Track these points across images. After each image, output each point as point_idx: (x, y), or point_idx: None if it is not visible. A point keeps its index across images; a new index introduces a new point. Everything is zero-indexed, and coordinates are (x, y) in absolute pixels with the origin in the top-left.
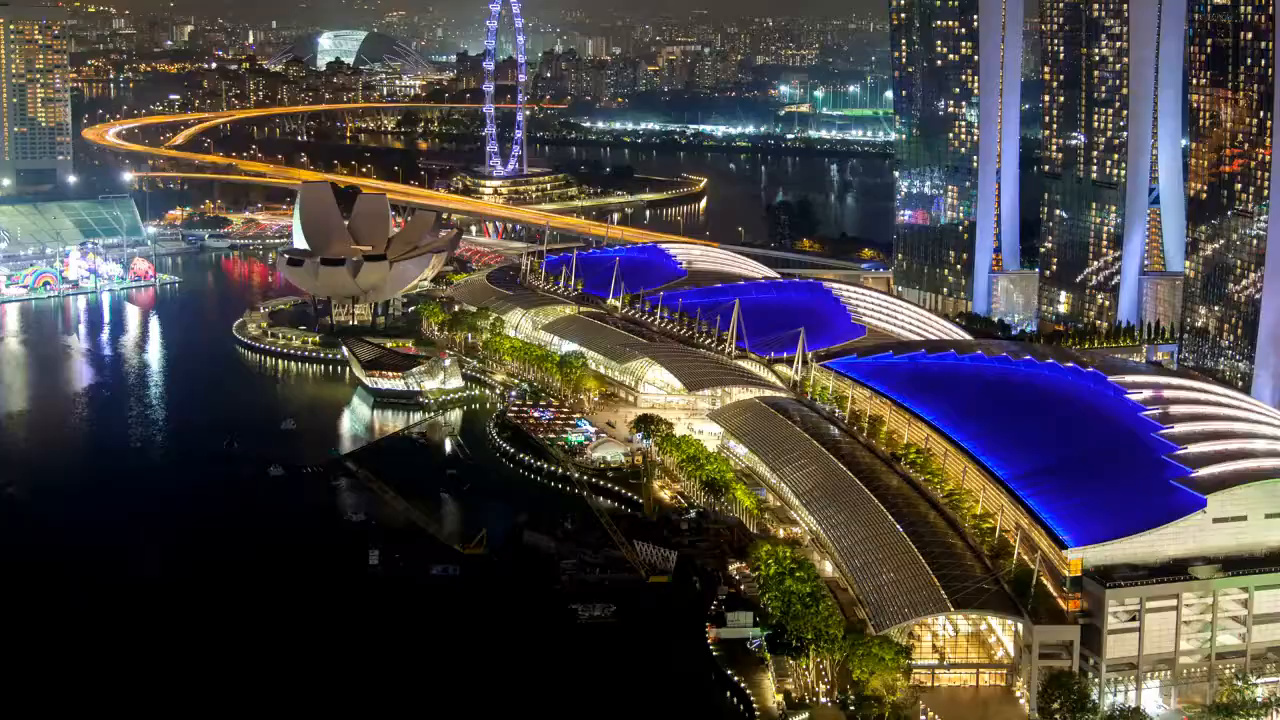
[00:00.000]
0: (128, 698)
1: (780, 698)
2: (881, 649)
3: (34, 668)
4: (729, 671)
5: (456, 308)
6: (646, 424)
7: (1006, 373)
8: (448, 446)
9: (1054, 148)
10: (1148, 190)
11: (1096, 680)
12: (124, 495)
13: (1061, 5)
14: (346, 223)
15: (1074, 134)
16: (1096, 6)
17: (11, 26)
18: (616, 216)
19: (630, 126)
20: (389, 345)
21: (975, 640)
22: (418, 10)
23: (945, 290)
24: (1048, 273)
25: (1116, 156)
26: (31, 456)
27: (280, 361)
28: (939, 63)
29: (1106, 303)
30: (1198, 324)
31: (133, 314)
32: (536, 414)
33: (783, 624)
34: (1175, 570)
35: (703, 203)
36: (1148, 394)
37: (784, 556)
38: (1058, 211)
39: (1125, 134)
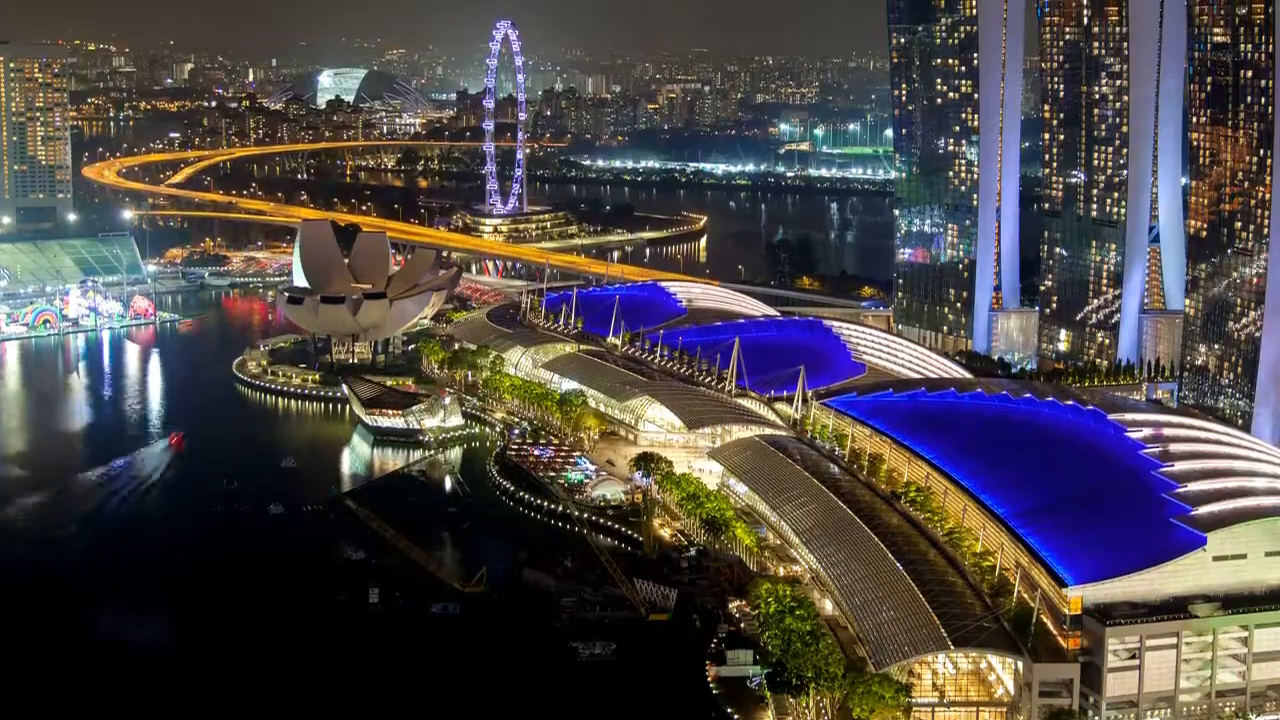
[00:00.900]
0: None
1: None
2: (881, 687)
3: (36, 705)
4: (729, 710)
5: (456, 346)
6: (646, 462)
7: (1006, 411)
8: (448, 484)
9: (1054, 185)
10: (1148, 228)
11: (1096, 718)
12: (123, 532)
13: (1061, 43)
14: (346, 261)
15: (1074, 172)
16: (1096, 44)
17: (12, 64)
18: (616, 254)
19: (630, 164)
20: (389, 383)
21: (975, 678)
22: (417, 49)
23: (945, 328)
24: (1048, 311)
25: (1116, 194)
26: (31, 495)
27: (280, 399)
28: (939, 100)
29: (1106, 341)
30: (1198, 362)
31: (133, 352)
32: (537, 452)
33: (783, 662)
34: (1175, 608)
35: (703, 241)
36: (1148, 432)
37: (784, 594)
38: (1058, 249)
39: (1125, 172)
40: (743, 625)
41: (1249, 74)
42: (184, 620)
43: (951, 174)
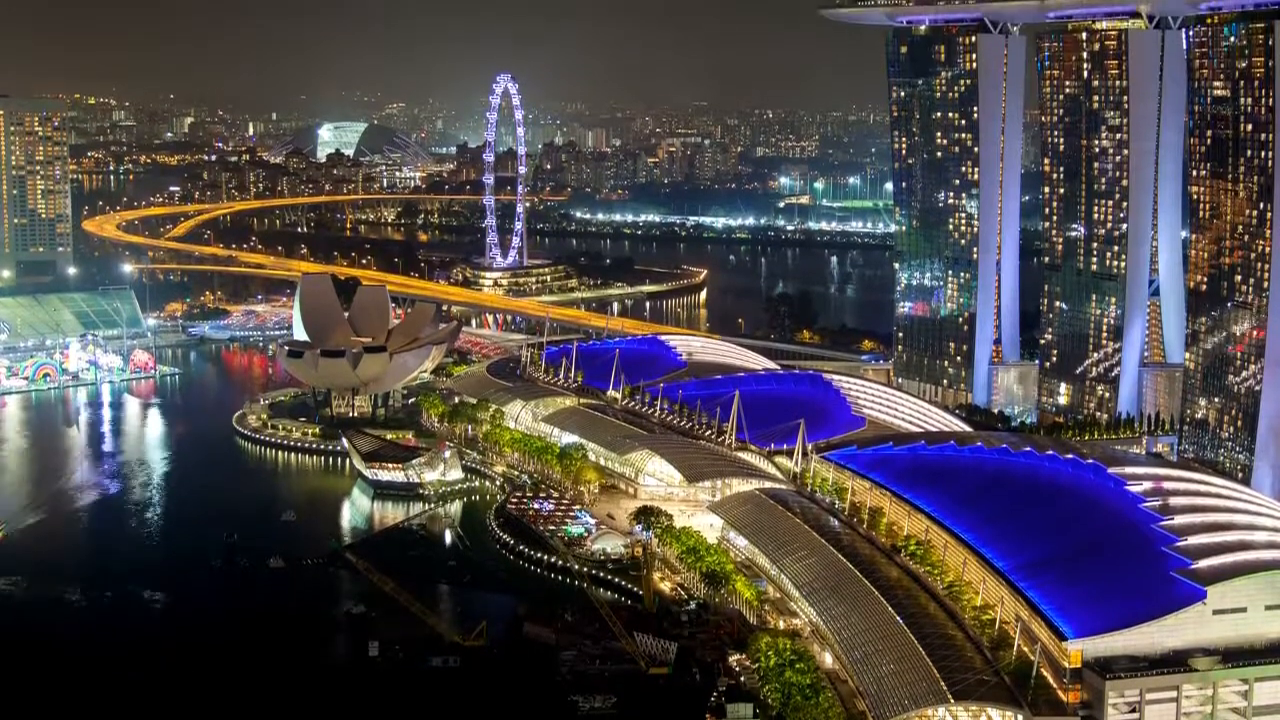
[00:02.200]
0: None
1: None
2: None
3: None
4: None
5: (456, 399)
6: (646, 515)
7: (1007, 464)
8: (448, 538)
9: (1054, 239)
10: (1148, 282)
11: None
12: (124, 584)
13: (1061, 97)
14: (346, 314)
15: (1074, 225)
16: (1096, 98)
17: (12, 118)
18: (616, 308)
19: (630, 218)
20: (389, 437)
21: None
22: (417, 102)
23: (945, 382)
24: (1048, 364)
25: (1116, 248)
26: (32, 547)
27: (280, 453)
28: (939, 154)
29: (1106, 394)
30: (1198, 415)
31: (133, 405)
32: (536, 505)
33: (783, 715)
34: (1175, 662)
35: (703, 294)
36: (1148, 485)
37: (784, 648)
38: (1058, 303)
39: (1125, 225)
40: (743, 679)
41: (1249, 127)
42: (183, 672)
43: (951, 227)
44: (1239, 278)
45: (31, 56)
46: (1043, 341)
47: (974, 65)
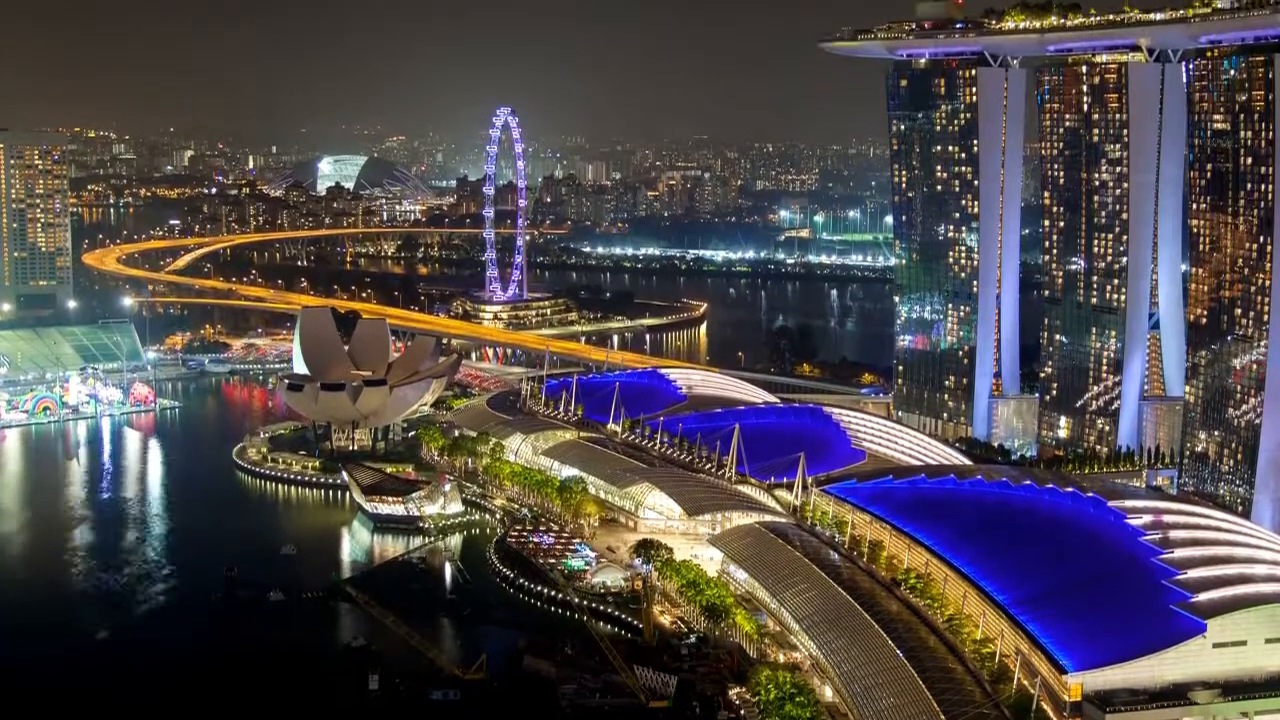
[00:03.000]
0: None
1: None
2: None
3: None
4: None
5: (456, 433)
6: (646, 549)
7: (1006, 498)
8: (448, 571)
9: (1054, 272)
10: (1148, 315)
11: None
12: (124, 618)
13: (1061, 130)
14: (346, 348)
15: (1074, 258)
16: (1096, 132)
17: (12, 151)
18: (616, 341)
19: (630, 251)
20: (389, 470)
21: None
22: (417, 135)
23: (945, 415)
24: (1048, 397)
25: (1116, 281)
26: (31, 580)
27: (280, 487)
28: (939, 187)
29: (1107, 427)
30: (1198, 449)
31: (133, 439)
32: (537, 539)
33: None
34: (1175, 695)
35: (703, 327)
36: (1147, 519)
37: (784, 681)
38: (1058, 336)
39: (1125, 258)
40: (743, 712)
41: (1249, 160)
42: (183, 707)
43: (951, 260)
44: (1239, 311)
45: (31, 90)
46: (1043, 375)
47: (974, 98)
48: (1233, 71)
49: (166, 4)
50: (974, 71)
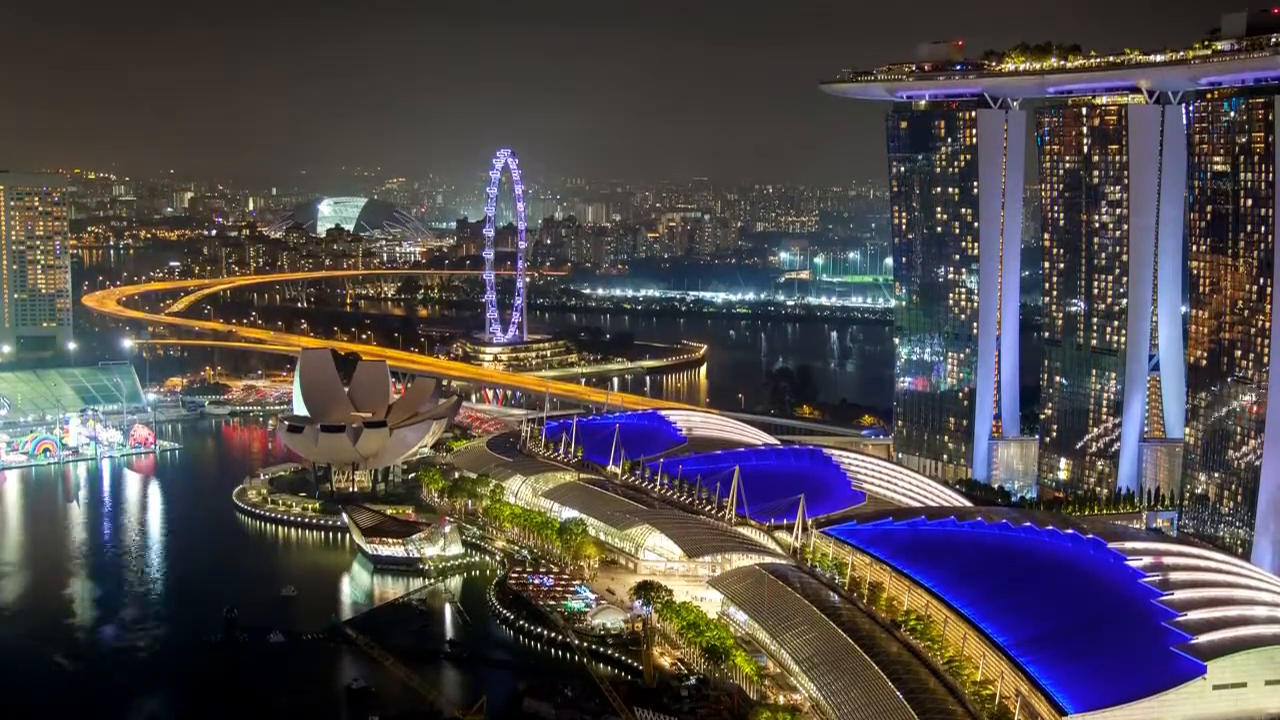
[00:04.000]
0: None
1: None
2: None
3: None
4: None
5: (457, 474)
6: (646, 590)
7: (1006, 539)
8: (448, 613)
9: (1054, 314)
10: (1148, 356)
11: None
12: (123, 659)
13: (1061, 172)
14: (346, 389)
15: (1074, 300)
16: (1096, 173)
17: (12, 193)
18: (616, 383)
19: (630, 293)
20: (389, 512)
21: None
22: (418, 177)
23: (945, 457)
24: (1048, 439)
25: (1116, 323)
26: (31, 623)
27: (281, 528)
28: (939, 229)
29: (1107, 469)
30: (1198, 490)
31: (133, 481)
32: (537, 580)
33: None
34: None
35: (703, 369)
36: (1147, 560)
37: None
38: (1058, 378)
39: (1125, 300)
40: None
41: (1249, 203)
42: None
43: (951, 302)
44: (1239, 353)
45: (31, 131)
46: (1043, 416)
47: (974, 140)
48: (1233, 113)
49: (169, 45)
50: (974, 113)
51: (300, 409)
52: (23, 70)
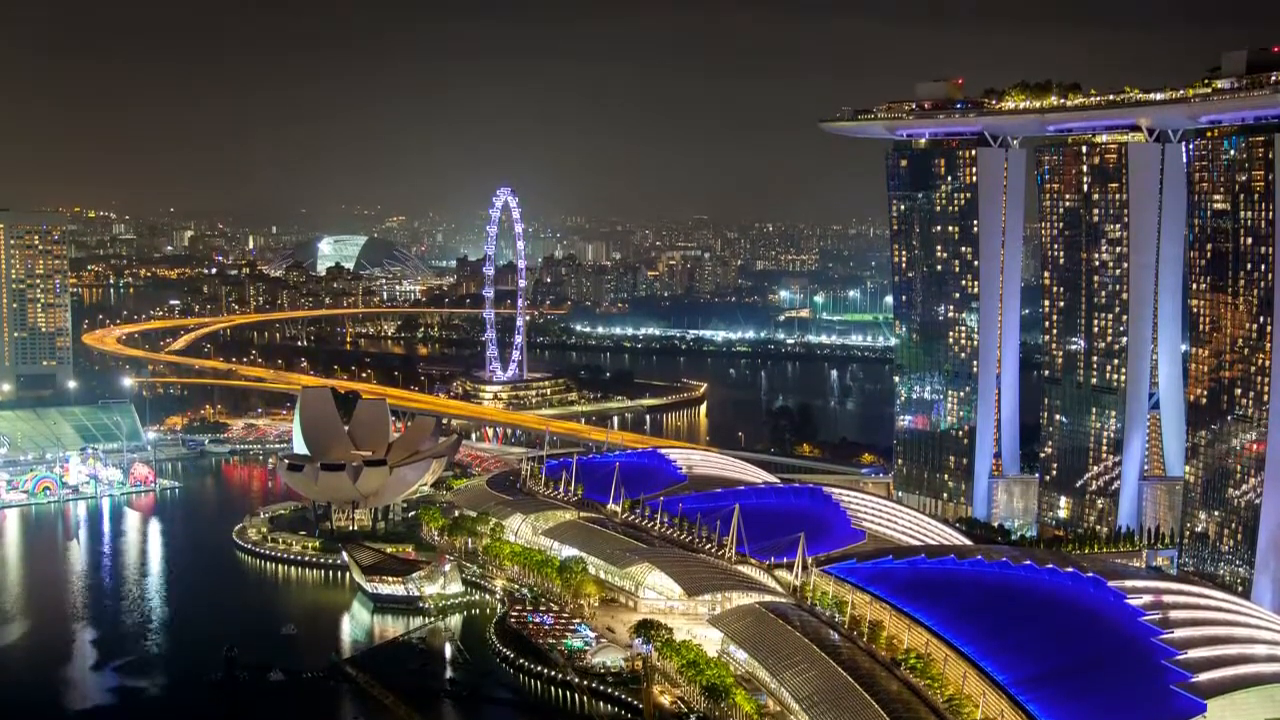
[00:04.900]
0: None
1: None
2: None
3: None
4: None
5: (456, 513)
6: (646, 629)
7: (1006, 577)
8: (448, 651)
9: (1054, 352)
10: (1148, 395)
11: None
12: (123, 698)
13: (1061, 210)
14: (346, 428)
15: (1074, 338)
16: (1096, 211)
17: (12, 231)
18: (616, 421)
19: (630, 331)
20: (389, 550)
21: None
22: (417, 216)
23: (945, 495)
24: (1048, 478)
25: (1116, 361)
26: (31, 661)
27: (280, 566)
28: (939, 267)
29: (1107, 507)
30: (1198, 529)
31: (133, 519)
32: (537, 619)
33: None
34: None
35: (703, 407)
36: (1147, 599)
37: None
38: (1058, 416)
39: (1125, 339)
40: None
41: (1249, 241)
42: None
43: (951, 341)
44: (1239, 391)
45: (32, 170)
46: (1043, 455)
47: (974, 178)
48: (1233, 151)
49: (168, 83)
50: (974, 151)
51: (300, 447)
52: (23, 107)
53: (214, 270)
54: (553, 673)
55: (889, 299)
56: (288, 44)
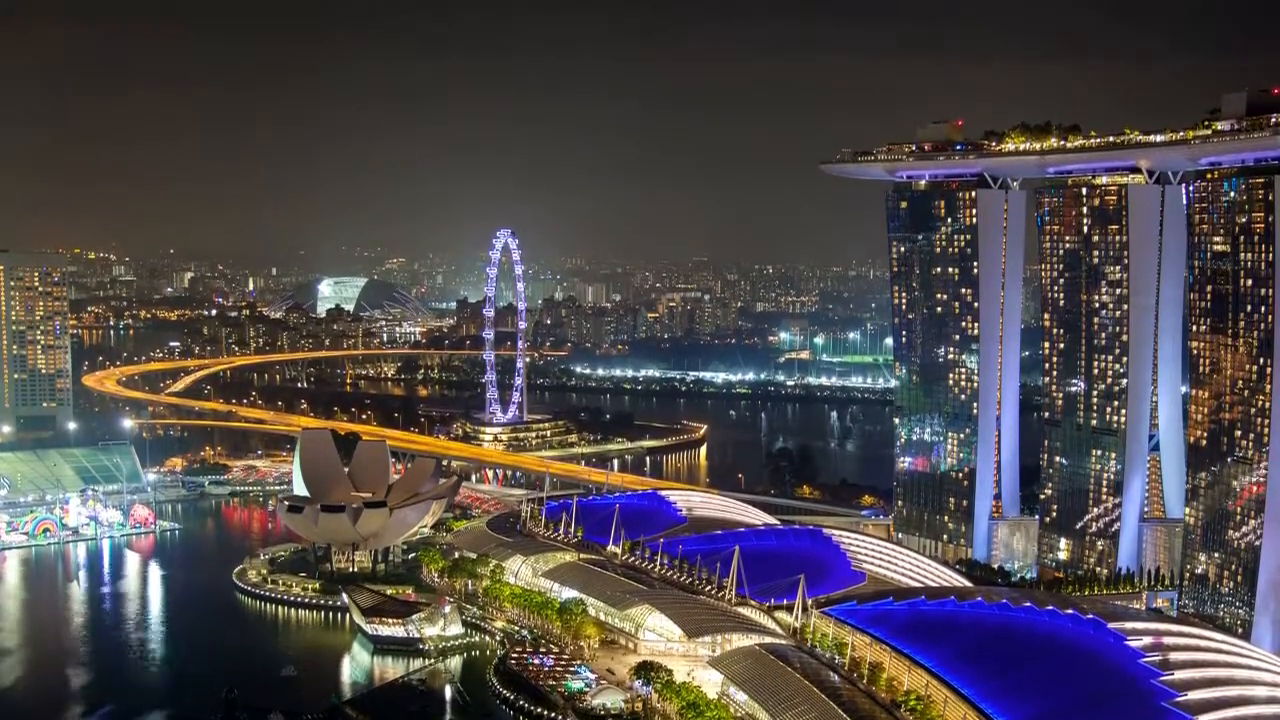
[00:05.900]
0: None
1: None
2: None
3: None
4: None
5: (457, 554)
6: (647, 670)
7: (1006, 619)
8: (448, 693)
9: (1054, 394)
10: (1148, 436)
11: None
12: None
13: (1061, 252)
14: (346, 469)
15: (1074, 380)
16: (1096, 253)
17: (12, 273)
18: (616, 463)
19: (630, 373)
20: (389, 592)
21: None
22: (417, 257)
23: (945, 537)
24: (1048, 519)
25: (1116, 403)
26: (31, 704)
27: (280, 608)
28: (939, 309)
29: (1107, 549)
30: (1198, 570)
31: (133, 561)
32: (537, 661)
33: None
34: None
35: (703, 449)
36: (1147, 640)
37: None
38: (1058, 458)
39: (1125, 380)
40: None
41: (1249, 283)
42: None
43: (951, 382)
44: (1239, 433)
45: (31, 211)
46: (1043, 496)
47: (974, 220)
48: (1233, 193)
49: (170, 122)
50: (974, 193)
51: (300, 489)
52: (22, 146)
53: (214, 312)
54: (553, 714)
55: (889, 340)
56: (286, 84)
